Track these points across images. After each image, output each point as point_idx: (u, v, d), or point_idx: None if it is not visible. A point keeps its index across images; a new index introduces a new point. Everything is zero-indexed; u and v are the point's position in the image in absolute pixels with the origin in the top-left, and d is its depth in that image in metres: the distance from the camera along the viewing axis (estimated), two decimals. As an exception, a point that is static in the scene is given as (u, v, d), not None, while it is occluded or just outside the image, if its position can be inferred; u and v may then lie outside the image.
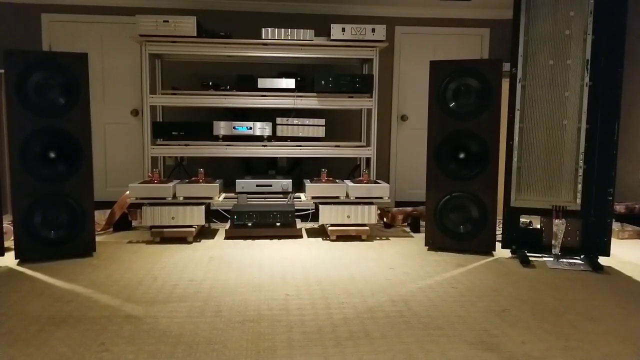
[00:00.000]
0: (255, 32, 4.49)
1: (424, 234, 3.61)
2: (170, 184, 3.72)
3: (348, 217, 3.81)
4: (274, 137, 4.44)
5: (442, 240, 3.47)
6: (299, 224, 3.99)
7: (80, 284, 2.69)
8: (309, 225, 4.31)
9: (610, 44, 3.05)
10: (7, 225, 3.37)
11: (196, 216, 3.70)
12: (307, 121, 4.42)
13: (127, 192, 3.80)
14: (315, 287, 2.69)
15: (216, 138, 4.38)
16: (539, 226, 3.35)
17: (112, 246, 3.54)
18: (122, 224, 4.09)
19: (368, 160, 4.58)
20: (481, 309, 2.39)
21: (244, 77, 4.48)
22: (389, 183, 4.68)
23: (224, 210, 4.31)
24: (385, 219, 4.38)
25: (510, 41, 3.27)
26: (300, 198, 4.18)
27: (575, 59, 3.11)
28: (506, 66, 3.36)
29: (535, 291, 2.66)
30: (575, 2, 3.09)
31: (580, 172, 3.14)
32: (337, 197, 3.85)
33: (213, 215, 4.31)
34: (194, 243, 3.65)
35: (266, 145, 4.38)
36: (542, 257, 3.30)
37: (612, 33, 3.04)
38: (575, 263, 3.18)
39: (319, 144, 4.45)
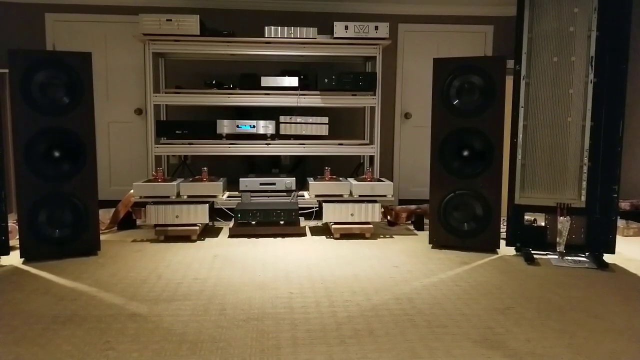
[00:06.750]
0: (258, 31, 4.48)
1: (427, 231, 3.60)
2: (174, 183, 3.73)
3: (352, 215, 3.81)
4: (277, 136, 4.44)
5: (446, 238, 3.47)
6: (303, 222, 4.00)
7: (85, 283, 2.70)
8: (313, 223, 4.31)
9: (614, 40, 3.03)
10: (12, 225, 3.38)
11: (200, 215, 3.71)
12: (310, 119, 4.41)
13: (131, 191, 3.81)
14: (319, 285, 2.69)
15: (220, 137, 4.39)
16: (543, 224, 3.34)
17: (116, 245, 3.55)
18: (126, 222, 4.10)
19: (371, 158, 4.57)
20: (485, 306, 2.39)
21: (247, 76, 4.47)
22: (392, 181, 4.67)
23: (227, 208, 4.31)
24: (389, 217, 4.38)
25: (514, 38, 3.25)
26: (303, 196, 4.18)
27: (580, 56, 3.10)
28: (510, 63, 3.34)
29: (539, 289, 2.66)
30: (580, -2, 3.08)
31: (585, 169, 3.13)
32: (341, 195, 3.85)
33: (217, 213, 4.31)
34: (197, 241, 3.66)
35: (269, 144, 4.38)
36: (546, 254, 3.29)
37: (616, 30, 3.03)
38: (580, 260, 3.17)
39: (323, 142, 4.44)
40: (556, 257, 3.23)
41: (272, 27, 4.28)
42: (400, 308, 2.36)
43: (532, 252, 3.26)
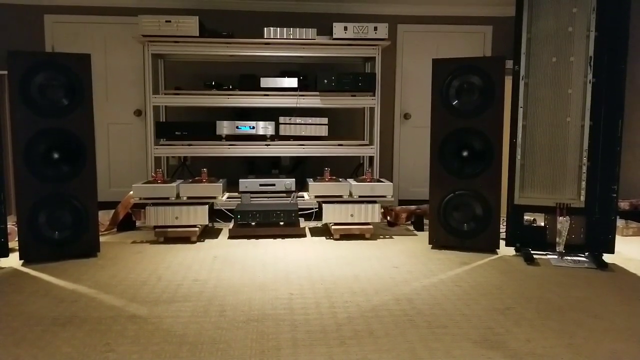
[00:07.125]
0: (258, 32, 4.49)
1: (427, 232, 3.60)
2: (174, 184, 3.73)
3: (351, 215, 3.81)
4: (276, 137, 4.44)
5: (445, 238, 3.47)
6: (303, 223, 3.99)
7: (85, 284, 2.70)
8: (313, 224, 4.31)
9: (613, 40, 3.04)
10: (11, 226, 3.38)
11: (200, 216, 3.71)
12: (309, 120, 4.41)
13: (131, 192, 3.81)
14: (319, 286, 2.69)
15: (219, 138, 4.39)
16: (543, 224, 3.34)
17: (116, 246, 3.55)
18: (126, 224, 4.10)
19: (371, 158, 4.57)
20: (485, 307, 2.39)
21: (247, 77, 4.48)
22: (392, 181, 4.68)
23: (227, 209, 4.31)
24: (388, 218, 4.38)
25: (513, 38, 3.26)
26: (303, 197, 4.18)
27: (579, 56, 3.10)
28: (509, 63, 3.35)
29: (539, 289, 2.66)
30: (578, -2, 3.08)
31: (584, 169, 3.13)
32: (341, 196, 3.84)
33: (217, 214, 4.31)
34: (197, 243, 3.66)
35: (269, 145, 4.38)
36: (546, 254, 3.30)
37: (615, 30, 3.03)
38: (579, 260, 3.17)
39: (322, 143, 4.44)
40: (556, 257, 3.23)
41: (272, 28, 4.29)
42: (400, 309, 2.36)
43: (532, 252, 3.26)
